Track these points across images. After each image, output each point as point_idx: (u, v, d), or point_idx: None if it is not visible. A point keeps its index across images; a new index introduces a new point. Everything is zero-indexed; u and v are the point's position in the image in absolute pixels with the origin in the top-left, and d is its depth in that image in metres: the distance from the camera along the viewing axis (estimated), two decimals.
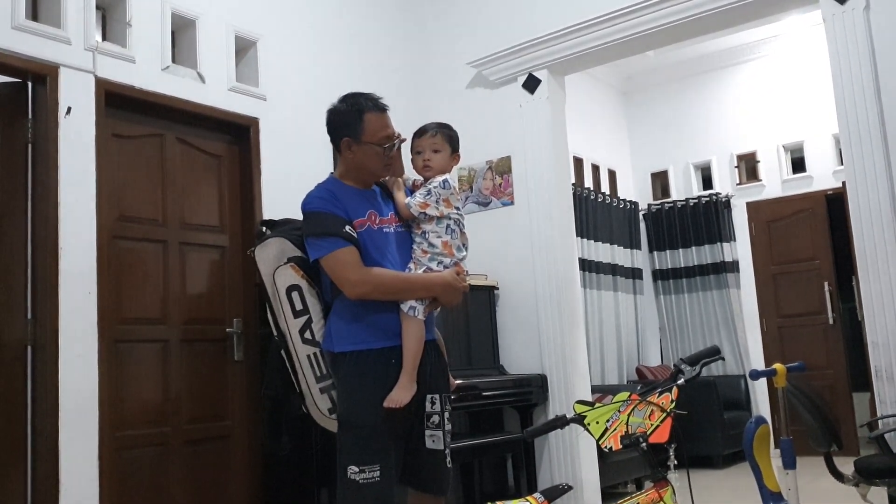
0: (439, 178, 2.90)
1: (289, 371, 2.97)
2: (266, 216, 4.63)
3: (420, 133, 2.98)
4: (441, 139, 2.95)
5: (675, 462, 6.45)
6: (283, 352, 2.96)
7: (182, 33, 4.52)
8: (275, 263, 2.84)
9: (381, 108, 2.89)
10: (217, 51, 4.58)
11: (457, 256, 2.90)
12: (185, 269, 4.35)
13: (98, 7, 4.12)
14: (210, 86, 4.51)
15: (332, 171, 3.09)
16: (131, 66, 4.16)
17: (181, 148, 4.44)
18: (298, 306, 2.81)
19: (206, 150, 4.56)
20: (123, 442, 3.94)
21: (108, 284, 3.93)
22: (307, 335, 2.79)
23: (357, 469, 2.63)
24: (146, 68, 4.22)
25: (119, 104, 4.11)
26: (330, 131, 2.95)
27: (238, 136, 4.68)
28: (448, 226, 2.89)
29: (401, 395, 2.72)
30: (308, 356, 2.78)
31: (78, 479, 3.66)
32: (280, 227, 2.92)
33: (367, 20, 5.63)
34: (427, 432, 2.82)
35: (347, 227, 2.75)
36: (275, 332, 2.92)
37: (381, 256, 2.79)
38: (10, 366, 3.69)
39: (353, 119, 2.84)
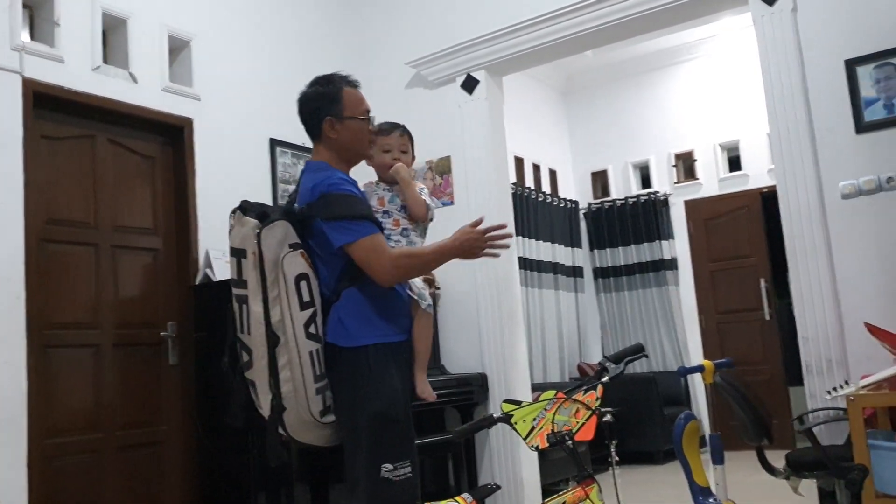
0: (423, 186, 2.90)
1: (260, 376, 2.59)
2: (201, 218, 4.59)
3: (386, 132, 2.89)
4: (407, 140, 2.93)
5: (617, 458, 6.55)
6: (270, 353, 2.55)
7: (113, 33, 4.45)
8: (280, 249, 2.50)
9: (355, 84, 2.81)
10: (150, 50, 4.51)
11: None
12: (118, 273, 4.28)
13: (25, 6, 4.03)
14: (143, 86, 4.44)
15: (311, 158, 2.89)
16: (60, 66, 4.08)
17: (113, 149, 4.36)
18: (306, 297, 2.50)
19: (139, 152, 4.49)
20: (54, 450, 3.86)
21: (37, 288, 3.85)
22: (312, 329, 2.50)
23: (391, 467, 2.48)
24: (76, 68, 4.14)
25: (48, 105, 4.03)
26: (307, 116, 2.77)
27: (172, 136, 4.62)
28: (425, 228, 2.90)
29: (429, 389, 2.74)
30: (310, 352, 2.49)
31: (6, 489, 3.57)
32: (274, 211, 2.65)
33: (304, 19, 5.60)
34: None
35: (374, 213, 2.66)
36: (251, 331, 2.51)
37: None
38: None
39: (332, 96, 2.73)
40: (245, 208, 2.56)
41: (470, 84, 5.39)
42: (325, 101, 2.73)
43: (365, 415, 2.51)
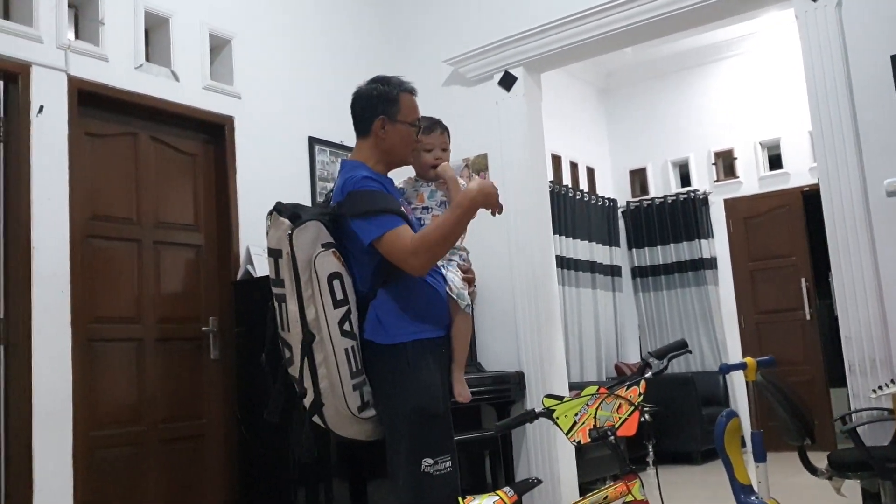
0: (464, 182, 2.91)
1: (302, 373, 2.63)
2: (242, 215, 4.63)
3: (428, 130, 2.88)
4: (447, 138, 2.93)
5: (654, 458, 6.49)
6: (306, 350, 2.60)
7: (155, 32, 4.51)
8: (312, 249, 2.54)
9: (413, 91, 2.83)
10: (191, 49, 4.57)
11: (467, 250, 2.91)
12: (160, 268, 4.34)
13: (70, 5, 4.10)
14: (184, 84, 4.50)
15: (347, 157, 2.94)
16: (104, 65, 4.14)
17: (155, 147, 4.42)
18: (339, 296, 2.53)
19: (181, 149, 4.55)
20: (98, 441, 3.92)
21: (82, 284, 3.91)
22: (346, 327, 2.53)
23: (432, 461, 2.51)
24: (119, 67, 4.21)
25: (92, 103, 4.10)
26: (360, 111, 2.79)
27: (213, 134, 4.68)
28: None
29: (465, 390, 2.74)
30: (345, 350, 2.52)
31: (52, 480, 3.64)
32: (306, 211, 2.68)
33: (342, 17, 5.63)
34: None
35: (401, 207, 2.68)
36: (290, 329, 2.56)
37: None
38: None
39: (390, 98, 2.75)
40: (279, 210, 2.59)
41: (508, 81, 5.38)
42: (383, 101, 2.75)
43: (405, 410, 2.54)
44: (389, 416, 2.59)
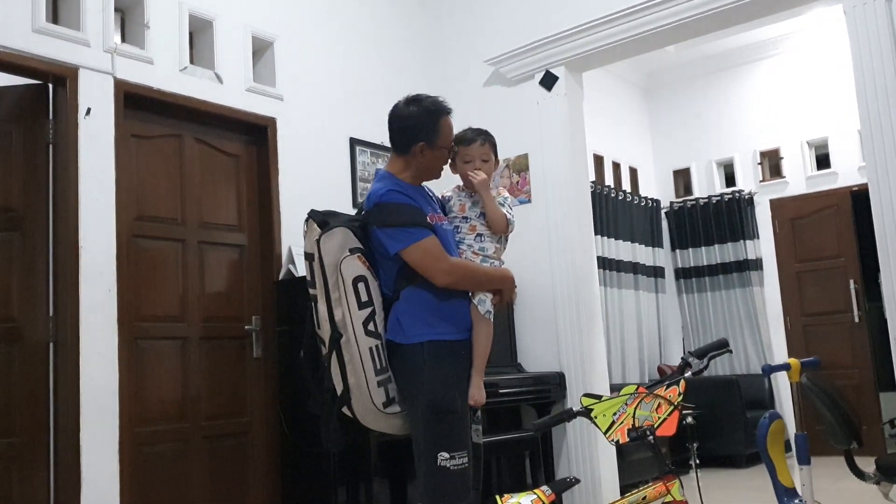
0: (507, 195, 3.01)
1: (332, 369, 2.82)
2: (284, 215, 4.68)
3: (468, 141, 2.98)
4: (488, 148, 2.99)
5: (697, 461, 6.42)
6: (334, 347, 2.79)
7: (199, 34, 4.57)
8: (339, 254, 2.74)
9: (449, 112, 2.95)
10: (234, 51, 4.62)
11: (503, 261, 3.00)
12: (204, 268, 4.41)
13: (117, 9, 4.18)
14: (227, 86, 4.55)
15: (380, 167, 3.09)
16: (149, 68, 4.21)
17: (199, 148, 4.49)
18: (364, 297, 2.74)
19: (224, 150, 4.61)
20: (144, 438, 3.99)
21: (128, 282, 3.98)
22: (370, 327, 2.73)
23: (448, 455, 2.65)
24: (164, 69, 4.28)
25: (137, 105, 4.17)
26: (399, 133, 2.92)
27: (256, 135, 4.73)
28: (504, 237, 3.00)
29: (480, 394, 2.83)
30: (370, 348, 2.72)
31: (99, 474, 3.72)
32: (335, 218, 2.84)
33: (383, 19, 5.66)
34: (472, 426, 2.87)
35: (427, 218, 2.81)
36: (321, 327, 2.77)
37: (448, 251, 2.84)
38: (32, 363, 3.76)
39: (430, 124, 2.88)
40: (312, 216, 2.80)
41: (549, 81, 5.36)
42: (425, 127, 2.88)
43: (421, 405, 2.72)
44: (411, 412, 2.76)
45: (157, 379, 4.12)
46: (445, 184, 3.12)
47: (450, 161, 3.00)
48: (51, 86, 3.92)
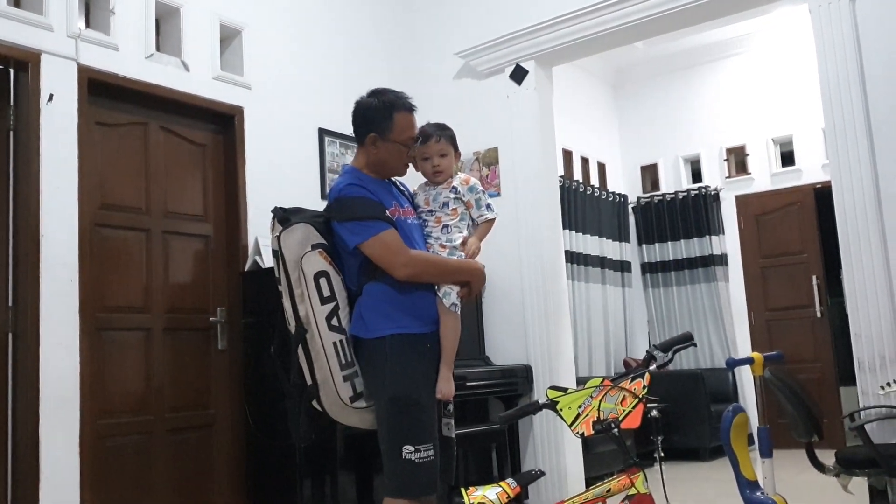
0: (475, 182, 3.01)
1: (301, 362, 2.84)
2: (251, 206, 4.64)
3: (424, 139, 2.97)
4: (445, 142, 2.98)
5: (662, 454, 6.48)
6: (300, 342, 2.81)
7: (166, 21, 4.51)
8: (300, 249, 2.75)
9: (410, 108, 2.93)
10: (201, 39, 4.57)
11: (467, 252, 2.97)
12: (169, 258, 4.35)
13: None
14: (194, 74, 4.50)
15: (347, 162, 3.09)
16: (114, 54, 4.15)
17: (165, 136, 4.43)
18: (326, 293, 2.75)
19: (190, 139, 4.55)
20: (105, 430, 3.94)
21: (90, 272, 3.92)
22: (334, 322, 2.74)
23: (412, 448, 2.65)
24: (129, 56, 4.21)
25: (102, 92, 4.10)
26: (356, 124, 2.95)
27: (223, 124, 4.68)
28: (468, 224, 3.00)
29: (448, 387, 2.82)
30: (334, 343, 2.72)
31: (59, 468, 3.66)
32: (298, 215, 2.84)
33: (353, 9, 5.62)
34: (443, 420, 2.87)
35: (386, 212, 2.81)
36: (292, 322, 2.78)
37: (410, 244, 2.83)
38: None
39: (382, 116, 2.87)
40: (274, 213, 2.83)
41: (519, 74, 5.36)
42: (375, 118, 2.89)
43: (384, 398, 2.72)
44: (376, 406, 2.76)
45: (120, 371, 4.06)
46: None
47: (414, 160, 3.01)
48: (12, 71, 3.83)
